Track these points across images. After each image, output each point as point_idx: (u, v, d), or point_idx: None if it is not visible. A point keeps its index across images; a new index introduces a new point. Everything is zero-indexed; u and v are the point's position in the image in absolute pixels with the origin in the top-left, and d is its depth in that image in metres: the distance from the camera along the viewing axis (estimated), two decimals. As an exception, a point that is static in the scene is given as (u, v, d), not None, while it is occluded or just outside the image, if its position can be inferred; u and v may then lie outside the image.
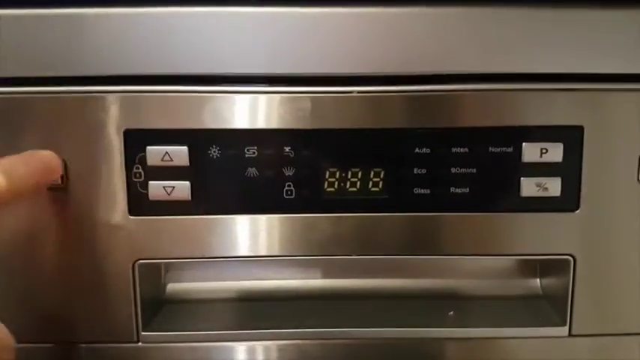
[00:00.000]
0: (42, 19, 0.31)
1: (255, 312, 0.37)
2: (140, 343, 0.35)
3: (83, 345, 0.35)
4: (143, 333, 0.35)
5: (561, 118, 0.33)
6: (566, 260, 0.34)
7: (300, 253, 0.34)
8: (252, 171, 0.33)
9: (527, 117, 0.33)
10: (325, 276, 0.39)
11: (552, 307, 0.37)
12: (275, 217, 0.33)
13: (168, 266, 0.38)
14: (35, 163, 0.30)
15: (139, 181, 0.33)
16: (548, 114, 0.33)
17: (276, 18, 0.31)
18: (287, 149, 0.33)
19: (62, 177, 0.32)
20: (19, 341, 0.34)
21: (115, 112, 0.32)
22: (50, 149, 0.32)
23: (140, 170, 0.32)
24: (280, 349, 0.36)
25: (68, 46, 0.31)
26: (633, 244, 0.34)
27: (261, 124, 0.32)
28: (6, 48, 0.31)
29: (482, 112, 0.32)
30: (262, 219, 0.33)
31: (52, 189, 0.32)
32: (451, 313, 0.37)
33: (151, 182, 0.32)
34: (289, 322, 0.35)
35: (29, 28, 0.31)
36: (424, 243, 0.34)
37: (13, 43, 0.31)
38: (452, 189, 0.33)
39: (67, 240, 0.33)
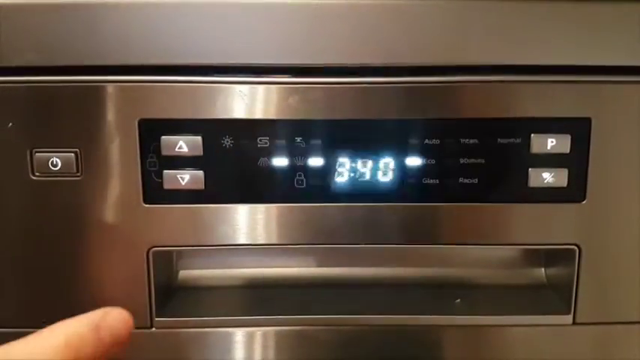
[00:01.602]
0: (60, 8, 0.31)
1: (266, 299, 0.38)
2: (154, 329, 0.36)
3: None
4: (157, 319, 0.35)
5: (569, 110, 0.33)
6: (572, 250, 0.35)
7: (310, 241, 0.35)
8: (263, 161, 0.33)
9: (536, 109, 0.33)
10: (335, 264, 0.39)
11: (557, 296, 0.38)
12: (286, 207, 0.34)
13: (180, 254, 0.39)
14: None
15: (154, 170, 0.33)
16: (556, 106, 0.33)
17: (289, 9, 0.32)
18: (298, 139, 0.33)
19: (79, 167, 0.33)
20: (33, 326, 0.35)
21: (129, 102, 0.32)
22: (66, 138, 0.33)
23: (155, 159, 0.33)
24: (292, 334, 0.36)
25: (84, 36, 0.31)
26: (638, 234, 0.35)
27: (273, 114, 0.33)
28: (25, 37, 0.31)
29: (491, 103, 0.33)
30: (274, 208, 0.34)
31: (70, 177, 0.33)
32: (458, 300, 0.37)
33: (165, 171, 0.33)
34: (300, 309, 0.36)
35: (48, 17, 0.31)
36: (433, 232, 0.35)
37: (32, 33, 0.31)
38: (461, 179, 0.34)
39: (84, 228, 0.34)
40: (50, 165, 0.33)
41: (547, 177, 0.33)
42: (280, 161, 0.33)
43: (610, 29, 0.32)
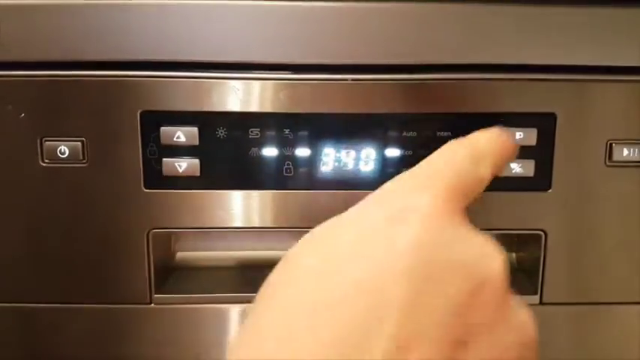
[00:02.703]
0: (69, 9, 0.34)
1: (256, 278, 0.40)
2: (153, 305, 0.38)
3: (103, 305, 0.38)
4: (155, 295, 0.38)
5: (536, 105, 0.36)
6: (538, 235, 0.37)
7: (297, 225, 0.37)
8: (255, 150, 0.36)
9: (505, 104, 0.36)
10: None
11: (526, 278, 0.40)
12: (275, 193, 0.36)
13: (177, 236, 0.41)
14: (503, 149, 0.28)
15: (154, 158, 0.36)
16: (524, 102, 0.36)
17: (280, 11, 0.34)
18: (287, 131, 0.36)
19: (85, 155, 0.35)
20: (47, 301, 0.38)
21: (132, 96, 0.35)
22: (73, 128, 0.35)
23: (155, 148, 0.35)
24: None
25: (91, 35, 0.34)
26: (599, 220, 0.38)
27: (264, 108, 0.35)
28: (36, 36, 0.34)
29: (463, 99, 0.35)
30: (264, 194, 0.36)
31: (76, 164, 0.35)
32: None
33: (164, 159, 0.35)
34: None
35: (58, 18, 0.34)
36: (410, 218, 0.37)
37: (43, 32, 0.34)
38: None
39: (89, 211, 0.36)
40: (58, 153, 0.35)
41: (515, 167, 0.36)
42: (270, 151, 0.36)
43: (573, 32, 0.35)
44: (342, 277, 0.19)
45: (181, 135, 0.35)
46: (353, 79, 0.35)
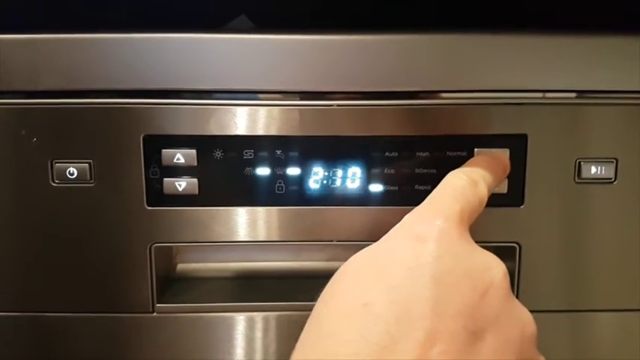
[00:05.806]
0: (78, 41, 0.36)
1: (252, 288, 0.42)
2: (155, 314, 0.40)
3: (107, 314, 0.40)
4: (157, 305, 0.40)
5: (508, 127, 0.38)
6: (513, 247, 0.40)
7: (289, 239, 0.39)
8: (249, 170, 0.38)
9: (480, 126, 0.38)
10: (310, 258, 0.44)
11: (503, 287, 0.43)
12: (268, 209, 0.39)
13: (178, 249, 0.44)
14: (496, 169, 0.34)
15: (155, 178, 0.38)
16: (497, 124, 0.38)
17: (272, 43, 0.37)
18: (278, 152, 0.38)
19: (92, 176, 0.38)
20: (56, 311, 0.41)
21: (136, 121, 0.37)
22: (81, 151, 0.37)
23: (156, 169, 0.38)
24: (273, 319, 0.41)
25: (99, 65, 0.36)
26: (570, 233, 0.40)
27: (257, 131, 0.38)
28: (48, 66, 0.37)
29: (441, 122, 0.38)
30: (257, 210, 0.39)
31: (84, 184, 0.38)
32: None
33: (165, 179, 0.38)
34: (281, 297, 0.41)
35: (68, 49, 0.36)
36: (394, 232, 0.40)
37: (54, 62, 0.36)
38: (416, 186, 0.39)
39: (96, 227, 0.38)
40: (67, 174, 0.37)
41: (490, 184, 0.39)
42: (263, 170, 0.38)
43: (543, 59, 0.37)
44: (382, 284, 0.25)
45: (181, 157, 0.38)
46: (338, 105, 0.37)
